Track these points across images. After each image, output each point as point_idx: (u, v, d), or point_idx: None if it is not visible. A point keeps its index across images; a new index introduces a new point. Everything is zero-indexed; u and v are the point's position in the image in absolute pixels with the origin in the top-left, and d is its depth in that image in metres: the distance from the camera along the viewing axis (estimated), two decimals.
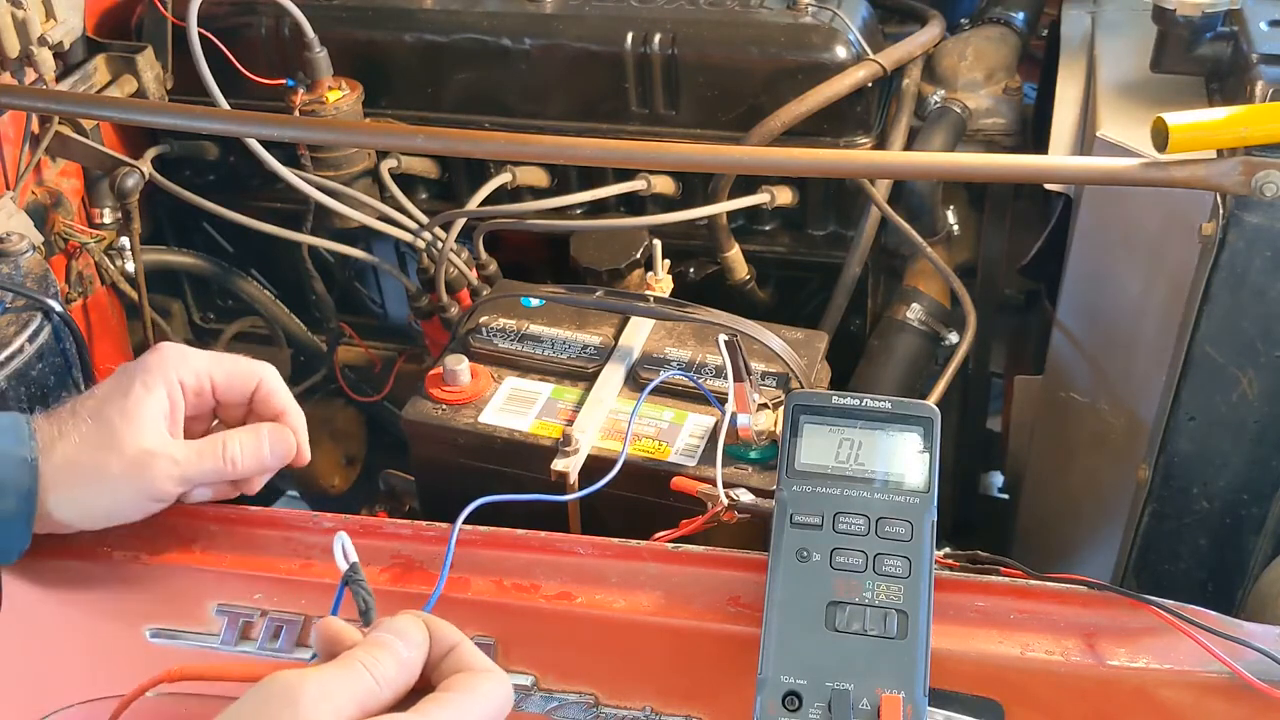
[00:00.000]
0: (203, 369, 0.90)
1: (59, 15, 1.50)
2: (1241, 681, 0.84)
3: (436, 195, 1.70)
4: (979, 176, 1.46)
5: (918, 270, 1.58)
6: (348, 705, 0.61)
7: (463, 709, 0.63)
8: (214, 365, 0.91)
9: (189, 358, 0.90)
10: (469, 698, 0.63)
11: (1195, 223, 1.08)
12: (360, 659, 0.63)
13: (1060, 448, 1.52)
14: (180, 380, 0.88)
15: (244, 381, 0.92)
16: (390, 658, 0.64)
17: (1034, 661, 0.88)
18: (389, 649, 0.64)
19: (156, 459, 0.86)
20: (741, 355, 1.06)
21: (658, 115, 1.52)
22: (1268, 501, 1.18)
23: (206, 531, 0.99)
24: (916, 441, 0.91)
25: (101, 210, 1.64)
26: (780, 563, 0.87)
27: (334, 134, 1.46)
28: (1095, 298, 1.37)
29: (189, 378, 0.89)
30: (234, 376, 0.92)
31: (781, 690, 0.82)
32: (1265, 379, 1.11)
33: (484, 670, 0.66)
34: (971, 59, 1.55)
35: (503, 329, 1.27)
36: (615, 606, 0.93)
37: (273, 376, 0.94)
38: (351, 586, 0.70)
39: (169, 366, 0.88)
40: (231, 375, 0.92)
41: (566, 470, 1.11)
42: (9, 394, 1.19)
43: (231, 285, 1.78)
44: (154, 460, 0.86)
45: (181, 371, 0.88)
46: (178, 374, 0.88)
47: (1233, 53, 1.18)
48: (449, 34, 1.55)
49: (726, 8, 1.50)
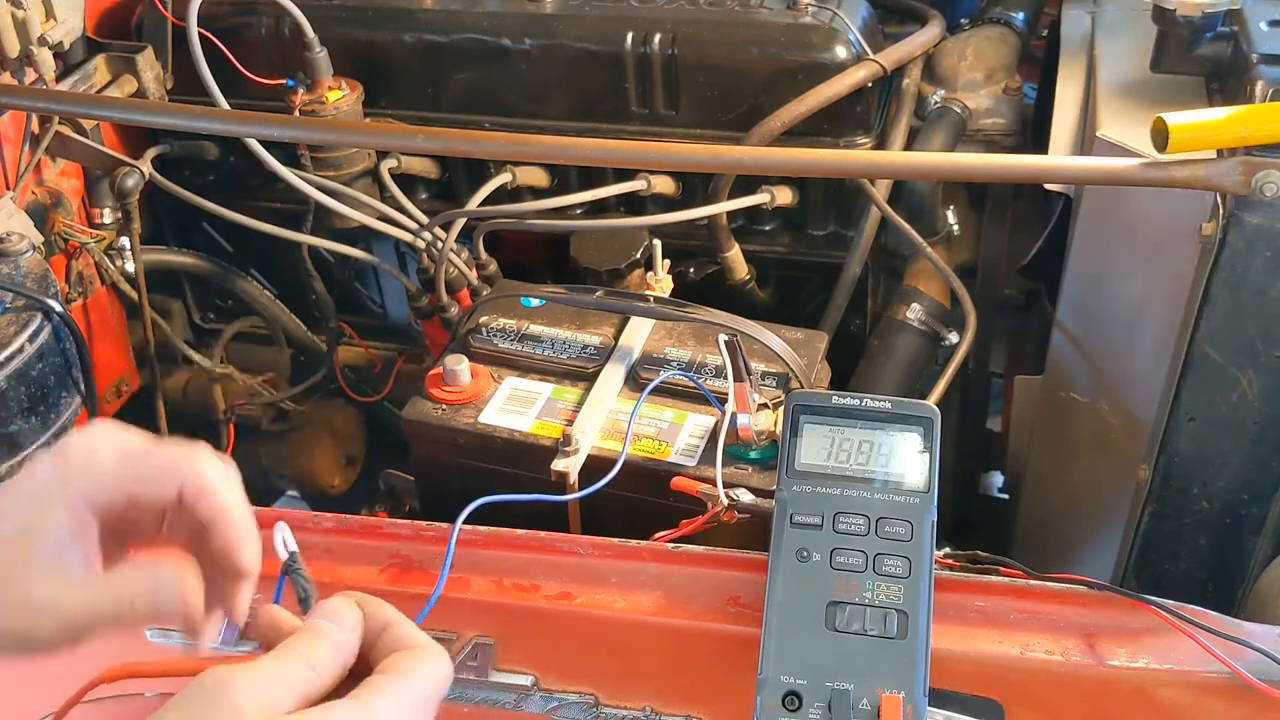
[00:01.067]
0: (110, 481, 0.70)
1: (59, 15, 1.50)
2: (1241, 681, 0.84)
3: (436, 195, 1.70)
4: (979, 176, 1.46)
5: (918, 270, 1.58)
6: (285, 696, 0.60)
7: (402, 690, 0.63)
8: (125, 472, 0.71)
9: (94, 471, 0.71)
10: (407, 679, 0.63)
11: (1195, 223, 1.08)
12: (295, 648, 0.63)
13: (1060, 448, 1.52)
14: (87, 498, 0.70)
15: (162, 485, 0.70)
16: (325, 643, 0.63)
17: (1034, 661, 0.88)
18: (323, 635, 0.64)
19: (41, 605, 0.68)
20: (741, 355, 1.06)
21: (658, 115, 1.52)
22: (1268, 501, 1.18)
23: None
24: (916, 441, 0.91)
25: (101, 210, 1.64)
26: (780, 563, 0.87)
27: (334, 134, 1.46)
28: (1095, 298, 1.37)
29: (97, 496, 0.70)
30: (148, 483, 0.71)
31: (781, 690, 0.82)
32: (1265, 379, 1.11)
33: (420, 648, 0.65)
34: (971, 59, 1.55)
35: (503, 329, 1.27)
36: (615, 606, 0.93)
37: (200, 472, 0.70)
38: (290, 576, 0.70)
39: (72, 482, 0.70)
40: (146, 481, 0.71)
41: (566, 470, 1.11)
42: (9, 394, 1.19)
43: (231, 285, 1.78)
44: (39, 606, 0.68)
45: (87, 488, 0.70)
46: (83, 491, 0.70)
47: (1233, 53, 1.18)
48: (449, 34, 1.55)
49: (726, 8, 1.50)
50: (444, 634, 0.93)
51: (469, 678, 0.93)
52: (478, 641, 0.93)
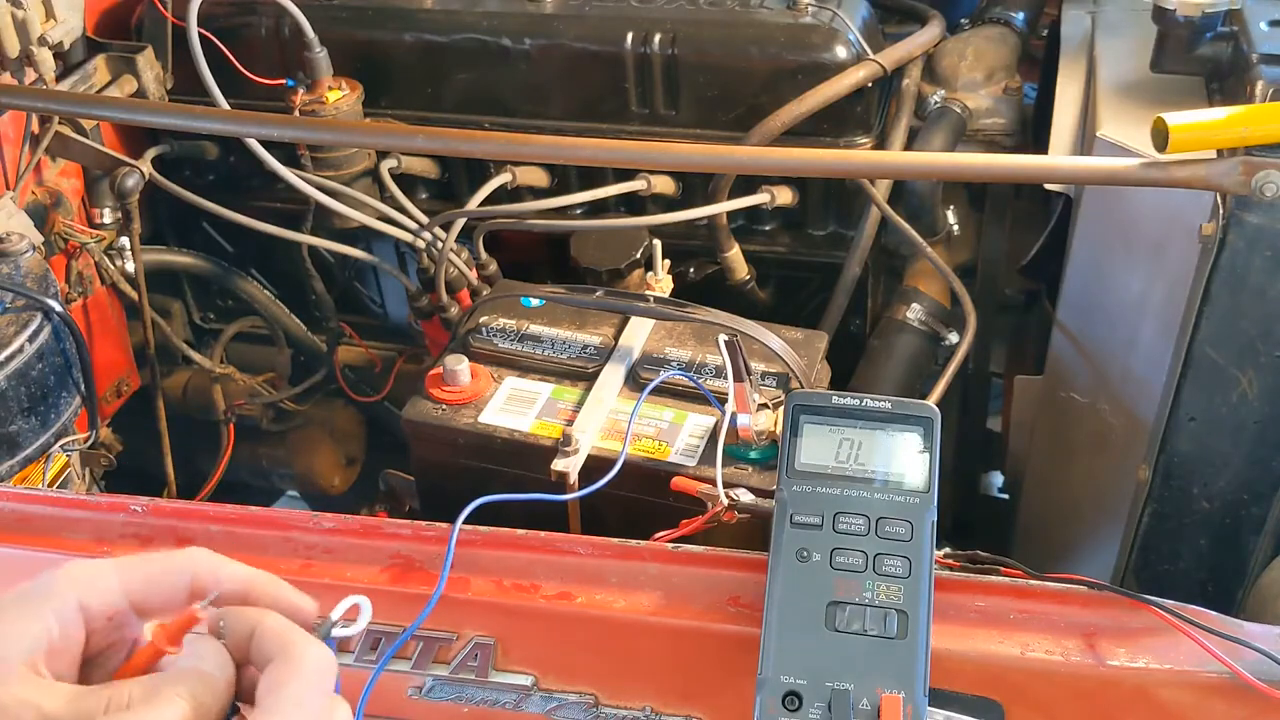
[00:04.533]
0: (113, 586, 0.69)
1: (59, 15, 1.50)
2: (1241, 681, 0.84)
3: (436, 195, 1.70)
4: (979, 176, 1.46)
5: (918, 270, 1.58)
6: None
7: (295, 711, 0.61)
8: (127, 575, 0.69)
9: (97, 576, 0.69)
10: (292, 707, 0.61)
11: (1195, 223, 1.08)
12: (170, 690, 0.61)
13: (1060, 448, 1.52)
14: (82, 604, 0.67)
15: (170, 584, 0.69)
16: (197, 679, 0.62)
17: (1034, 661, 0.88)
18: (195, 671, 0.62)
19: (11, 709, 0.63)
20: (741, 355, 1.06)
21: (658, 115, 1.52)
22: (1268, 501, 1.18)
23: (206, 531, 0.99)
24: (916, 441, 0.91)
25: (101, 210, 1.64)
26: (780, 563, 0.87)
27: (334, 134, 1.46)
28: (1095, 298, 1.37)
29: (94, 600, 0.68)
30: (155, 582, 0.70)
31: (781, 690, 0.82)
32: (1265, 379, 1.11)
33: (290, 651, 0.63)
34: (971, 59, 1.55)
35: (503, 329, 1.27)
36: (615, 606, 0.93)
37: (209, 554, 0.70)
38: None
39: (65, 587, 0.67)
40: (152, 581, 0.70)
41: (566, 470, 1.11)
42: (9, 394, 1.19)
43: (231, 285, 1.79)
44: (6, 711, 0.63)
45: (84, 593, 0.67)
46: (78, 596, 0.67)
47: (1233, 53, 1.18)
48: (449, 34, 1.55)
49: (726, 8, 1.50)
50: (444, 634, 0.93)
51: (469, 678, 0.93)
52: (478, 641, 0.93)
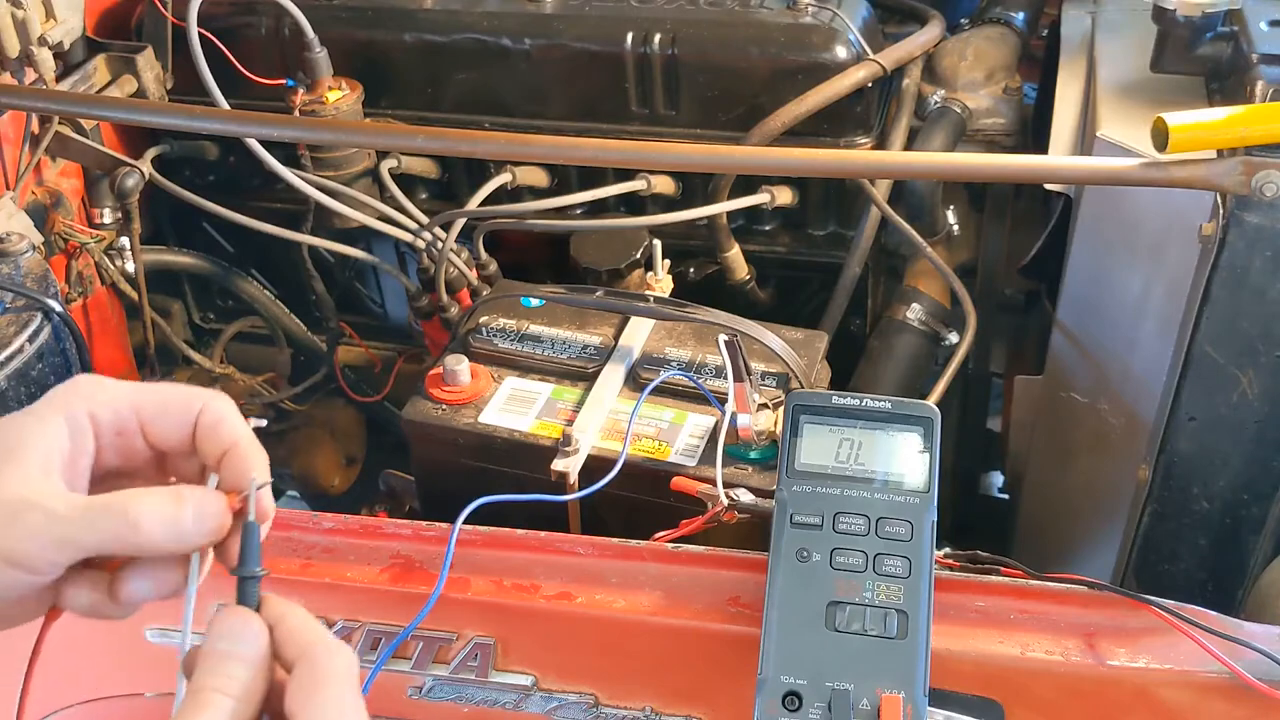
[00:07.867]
0: (123, 401, 0.69)
1: (59, 15, 1.50)
2: (1241, 681, 0.84)
3: (436, 195, 1.70)
4: (979, 176, 1.46)
5: (918, 270, 1.58)
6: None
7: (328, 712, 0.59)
8: (140, 396, 0.70)
9: (106, 388, 0.69)
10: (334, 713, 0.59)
11: (1195, 223, 1.08)
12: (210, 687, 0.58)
13: (1060, 448, 1.52)
14: (92, 414, 0.67)
15: (181, 412, 0.69)
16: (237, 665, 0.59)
17: (1034, 661, 0.88)
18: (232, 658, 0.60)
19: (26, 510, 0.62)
20: (741, 355, 1.06)
21: (658, 115, 1.52)
22: (1268, 501, 1.18)
23: None
24: (916, 441, 0.91)
25: (101, 210, 1.64)
26: (780, 563, 0.87)
27: (334, 134, 1.46)
28: (1095, 298, 1.37)
29: (104, 412, 0.68)
30: (166, 408, 0.70)
31: (781, 690, 0.82)
32: (1265, 379, 1.11)
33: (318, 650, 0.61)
34: (971, 59, 1.55)
35: (503, 329, 1.27)
36: (615, 606, 0.93)
37: (219, 404, 0.70)
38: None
39: (77, 397, 0.68)
40: (164, 406, 0.69)
41: (566, 470, 1.11)
42: (9, 394, 1.19)
43: (231, 285, 1.78)
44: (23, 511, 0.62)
45: (94, 404, 0.68)
46: (89, 407, 0.67)
47: (1233, 53, 1.18)
48: (449, 34, 1.55)
49: (726, 8, 1.50)
50: (444, 634, 0.93)
51: (469, 678, 0.93)
52: (478, 641, 0.94)
